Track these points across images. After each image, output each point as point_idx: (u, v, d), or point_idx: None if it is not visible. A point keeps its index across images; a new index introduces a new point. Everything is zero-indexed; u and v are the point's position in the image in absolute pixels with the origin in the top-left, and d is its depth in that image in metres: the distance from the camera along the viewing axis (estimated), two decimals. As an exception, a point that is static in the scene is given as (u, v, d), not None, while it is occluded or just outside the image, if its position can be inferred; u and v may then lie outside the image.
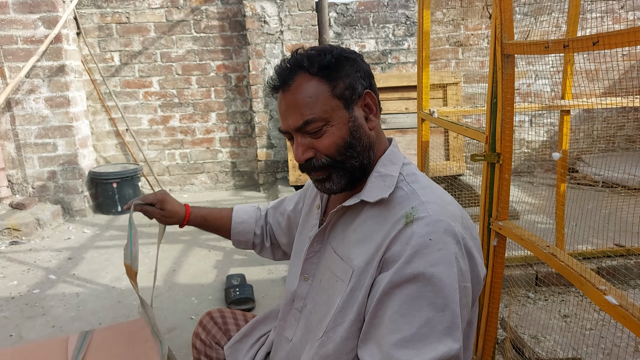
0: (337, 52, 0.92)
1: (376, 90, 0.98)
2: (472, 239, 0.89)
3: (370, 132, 0.95)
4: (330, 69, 0.90)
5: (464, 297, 0.83)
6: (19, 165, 3.96)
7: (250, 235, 1.38)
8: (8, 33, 3.74)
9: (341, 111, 0.90)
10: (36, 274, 2.96)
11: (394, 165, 0.96)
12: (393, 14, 4.46)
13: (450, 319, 0.79)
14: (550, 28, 4.02)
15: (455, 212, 0.89)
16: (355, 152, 0.92)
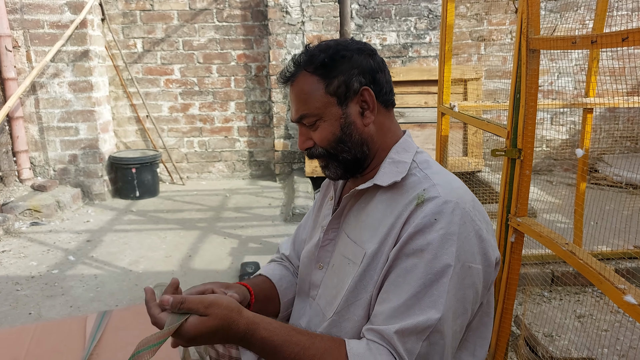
0: (333, 50, 0.96)
1: (384, 84, 0.99)
2: (484, 222, 0.91)
3: (365, 128, 0.97)
4: (325, 68, 0.95)
5: (467, 277, 0.86)
6: (42, 148, 4.04)
7: (293, 288, 1.21)
8: (35, 17, 3.81)
9: (334, 107, 0.95)
10: (56, 255, 3.03)
11: (407, 153, 0.99)
12: (416, 7, 4.42)
13: (437, 293, 0.83)
14: (575, 25, 3.94)
15: (465, 196, 0.91)
16: (346, 146, 0.97)
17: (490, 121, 1.65)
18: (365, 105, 0.97)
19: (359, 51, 0.97)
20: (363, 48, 0.99)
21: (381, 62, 1.00)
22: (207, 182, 4.73)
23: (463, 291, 0.85)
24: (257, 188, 4.50)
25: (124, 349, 1.23)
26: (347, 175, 1.03)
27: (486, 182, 3.85)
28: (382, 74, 0.99)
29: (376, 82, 0.97)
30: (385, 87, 0.99)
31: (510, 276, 1.48)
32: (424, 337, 0.82)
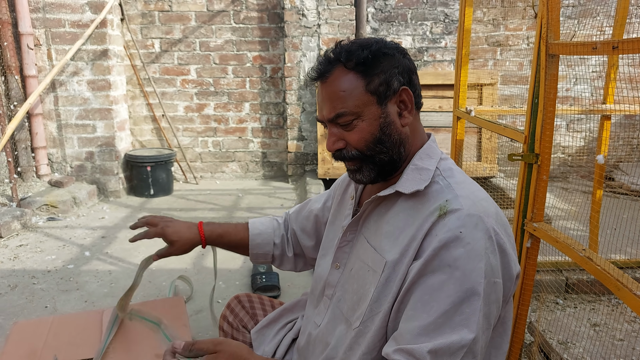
0: (375, 47, 0.93)
1: (417, 85, 0.98)
2: (507, 236, 0.89)
3: (402, 129, 0.95)
4: (366, 65, 0.91)
5: (493, 292, 0.84)
6: (60, 144, 4.10)
7: (270, 246, 1.32)
8: (57, 16, 3.87)
9: (374, 106, 0.92)
10: (71, 250, 3.07)
11: (430, 159, 0.97)
12: (432, 12, 4.42)
13: (469, 311, 0.80)
14: (593, 31, 3.91)
15: (489, 208, 0.89)
16: (384, 147, 0.94)
17: (507, 126, 1.65)
18: (402, 105, 0.95)
19: (398, 50, 0.96)
20: (400, 48, 0.97)
21: (413, 63, 0.99)
22: (221, 181, 4.76)
23: (489, 307, 0.83)
24: (270, 189, 4.52)
25: (140, 343, 1.25)
26: (379, 178, 0.99)
27: (500, 187, 3.83)
28: (416, 75, 0.98)
29: (412, 83, 0.96)
30: (417, 88, 0.98)
31: (525, 282, 1.48)
32: (458, 358, 0.79)
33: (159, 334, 1.35)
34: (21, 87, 3.85)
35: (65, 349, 1.20)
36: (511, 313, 0.97)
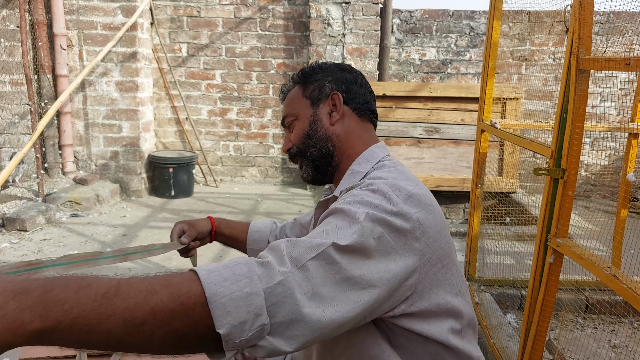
0: (313, 64, 1.13)
1: (356, 95, 1.09)
2: (412, 203, 0.85)
3: (330, 127, 1.07)
4: (304, 76, 1.11)
5: (373, 236, 0.77)
6: (86, 143, 4.20)
7: (264, 243, 1.40)
8: (90, 19, 3.98)
9: (308, 108, 1.09)
10: (93, 246, 3.13)
11: (368, 163, 1.03)
12: (457, 24, 4.42)
13: (343, 230, 0.76)
14: (621, 49, 3.87)
15: (398, 184, 0.88)
16: (312, 141, 1.07)
17: (533, 140, 1.64)
18: (333, 107, 1.07)
19: (336, 66, 1.12)
20: (342, 65, 1.13)
21: (358, 78, 1.11)
22: (240, 186, 4.81)
23: (366, 239, 0.77)
24: (288, 195, 4.55)
25: None
26: (317, 174, 1.10)
27: (521, 203, 3.79)
28: (357, 86, 1.10)
29: (349, 91, 1.08)
30: (359, 97, 1.09)
31: (547, 298, 1.46)
32: (312, 253, 0.72)
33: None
34: (52, 85, 3.96)
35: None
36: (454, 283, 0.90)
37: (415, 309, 0.84)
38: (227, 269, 0.66)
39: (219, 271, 0.66)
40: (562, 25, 4.34)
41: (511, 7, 2.10)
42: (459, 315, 0.91)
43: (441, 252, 0.87)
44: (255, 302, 0.64)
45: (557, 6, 1.65)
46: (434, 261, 0.85)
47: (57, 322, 0.55)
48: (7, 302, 0.53)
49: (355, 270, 0.73)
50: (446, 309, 0.88)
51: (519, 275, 2.58)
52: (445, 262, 0.88)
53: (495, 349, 1.89)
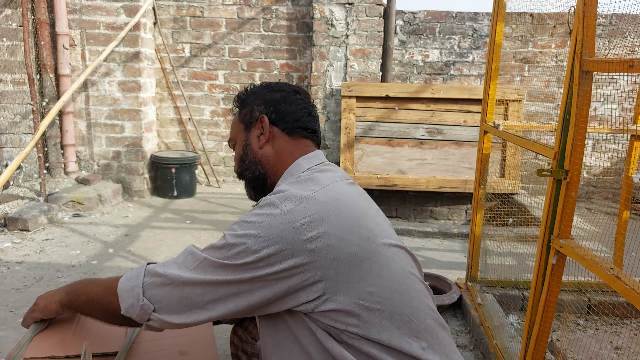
0: (249, 87, 1.18)
1: (285, 114, 1.11)
2: (303, 209, 0.91)
3: (259, 150, 1.11)
4: (239, 101, 1.18)
5: (244, 256, 0.90)
6: (88, 143, 4.20)
7: None
8: (92, 18, 3.99)
9: (242, 133, 1.15)
10: (95, 246, 3.13)
11: (291, 177, 1.06)
12: (460, 26, 4.42)
13: (206, 250, 0.96)
14: (623, 51, 3.88)
15: (292, 192, 0.95)
16: (245, 164, 1.13)
17: (536, 141, 1.65)
18: (262, 129, 1.11)
19: (266, 87, 1.16)
20: (272, 85, 1.16)
21: (289, 97, 1.13)
22: (242, 186, 4.81)
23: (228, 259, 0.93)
24: (290, 196, 4.55)
25: (167, 338, 1.26)
26: (257, 194, 1.15)
27: (522, 204, 3.79)
28: (287, 105, 1.12)
29: (278, 112, 1.11)
30: (288, 116, 1.11)
31: (549, 299, 1.46)
32: (164, 268, 0.99)
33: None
34: (55, 85, 3.97)
35: (92, 340, 1.23)
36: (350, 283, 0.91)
37: (333, 306, 0.89)
38: (132, 271, 1.01)
39: (128, 274, 1.01)
40: (565, 27, 4.35)
41: (514, 9, 2.10)
42: (395, 305, 0.91)
43: (354, 248, 0.90)
44: (135, 291, 0.96)
45: (561, 8, 1.65)
46: (345, 258, 0.89)
47: (68, 293, 1.14)
48: (60, 289, 1.17)
49: (207, 277, 0.93)
50: (374, 302, 0.90)
51: (521, 277, 2.58)
52: (364, 257, 0.91)
53: (497, 350, 1.89)
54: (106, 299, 1.01)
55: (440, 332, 0.98)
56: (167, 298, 0.94)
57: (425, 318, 0.95)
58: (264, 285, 0.90)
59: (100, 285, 1.05)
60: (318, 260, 0.88)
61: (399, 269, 0.96)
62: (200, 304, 0.93)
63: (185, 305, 0.93)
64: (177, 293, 0.93)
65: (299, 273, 0.88)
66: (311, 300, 0.89)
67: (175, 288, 0.93)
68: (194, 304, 0.93)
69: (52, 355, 1.11)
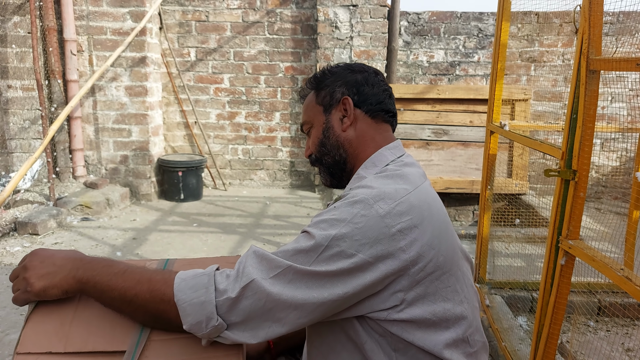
0: (324, 68, 1.11)
1: (368, 96, 1.05)
2: (397, 214, 0.85)
3: (342, 133, 1.05)
4: (316, 82, 1.10)
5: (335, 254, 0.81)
6: (96, 147, 4.23)
7: None
8: (99, 24, 4.02)
9: (321, 115, 1.08)
10: (103, 250, 3.15)
11: (374, 167, 1.01)
12: (465, 26, 4.41)
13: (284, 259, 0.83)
14: (632, 49, 3.85)
15: (386, 192, 0.87)
16: (325, 149, 1.07)
17: (543, 141, 1.63)
18: (345, 112, 1.05)
19: (346, 68, 1.10)
20: (352, 66, 1.10)
21: (371, 78, 1.07)
22: (248, 189, 4.82)
23: (325, 262, 0.83)
24: (297, 198, 4.55)
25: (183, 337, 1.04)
26: (334, 180, 1.10)
27: (531, 205, 3.76)
28: (369, 87, 1.06)
29: (360, 94, 1.05)
30: (371, 98, 1.06)
31: (559, 300, 1.45)
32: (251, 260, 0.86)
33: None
34: (63, 91, 4.00)
35: (97, 322, 0.95)
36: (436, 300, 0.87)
37: (406, 316, 0.84)
38: (195, 278, 0.84)
39: (188, 280, 0.84)
40: (572, 26, 4.31)
41: (520, 8, 2.09)
42: (462, 322, 0.89)
43: (440, 259, 0.85)
44: (207, 308, 0.82)
45: (567, 7, 1.64)
46: (430, 269, 0.84)
47: (86, 281, 0.87)
48: (67, 263, 0.89)
49: (298, 294, 0.82)
50: (444, 318, 0.87)
51: (529, 278, 2.56)
52: (446, 269, 0.86)
53: (506, 352, 1.87)
54: (157, 306, 0.84)
55: (484, 355, 0.97)
56: (245, 315, 0.82)
57: (478, 339, 0.94)
58: (354, 296, 0.83)
59: (141, 282, 0.85)
60: (406, 269, 0.83)
61: (469, 284, 0.94)
62: (281, 319, 0.82)
63: (265, 320, 0.82)
64: (258, 309, 0.81)
65: (387, 282, 0.83)
66: (387, 309, 0.84)
67: (255, 303, 0.81)
68: (276, 319, 0.82)
69: (49, 351, 0.90)
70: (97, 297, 0.89)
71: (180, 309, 0.82)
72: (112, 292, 0.86)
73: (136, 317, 0.88)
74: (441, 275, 0.86)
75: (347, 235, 0.82)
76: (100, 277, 0.87)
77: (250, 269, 0.83)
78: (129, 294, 0.85)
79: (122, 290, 0.85)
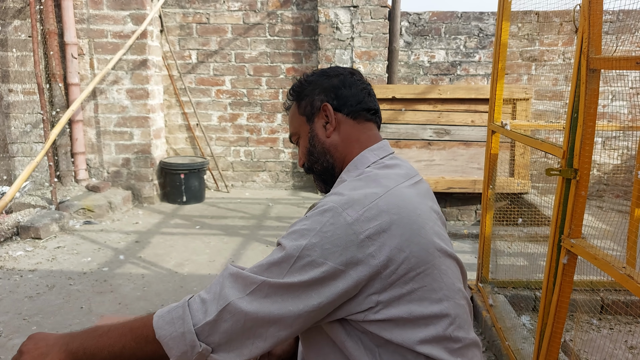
0: (301, 78, 1.12)
1: (347, 98, 1.07)
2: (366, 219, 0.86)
3: (326, 139, 1.07)
4: (296, 93, 1.12)
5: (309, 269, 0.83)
6: (98, 150, 4.24)
7: None
8: (100, 27, 4.04)
9: (305, 125, 1.10)
10: (106, 253, 3.16)
11: (356, 170, 1.03)
12: (466, 26, 4.41)
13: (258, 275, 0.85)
14: (632, 47, 3.84)
15: (354, 198, 0.88)
16: (314, 157, 1.09)
17: (544, 140, 1.64)
18: (326, 118, 1.07)
19: (321, 74, 1.11)
20: (327, 71, 1.12)
21: (347, 80, 1.09)
22: (251, 191, 4.83)
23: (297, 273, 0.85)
24: (299, 199, 4.55)
25: None
26: (327, 187, 1.11)
27: (533, 204, 3.76)
28: (346, 89, 1.08)
29: (339, 97, 1.07)
30: (350, 100, 1.07)
31: (561, 299, 1.45)
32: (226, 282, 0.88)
33: None
34: (64, 94, 4.01)
35: None
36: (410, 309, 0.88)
37: (382, 317, 0.86)
38: (170, 312, 0.87)
39: (164, 316, 0.87)
40: (572, 25, 4.31)
41: (520, 8, 2.09)
42: (442, 320, 0.89)
43: (412, 260, 0.86)
44: (187, 337, 0.84)
45: (566, 6, 1.65)
46: (402, 271, 0.86)
47: (76, 350, 0.89)
48: (59, 340, 0.91)
49: (274, 309, 0.84)
50: (421, 316, 0.87)
51: (532, 277, 2.56)
52: (421, 270, 0.87)
53: (510, 351, 1.87)
54: (145, 349, 0.88)
55: (475, 350, 0.96)
56: (227, 337, 0.84)
57: (462, 336, 0.93)
58: (330, 305, 0.85)
59: (123, 334, 0.89)
60: (378, 274, 0.84)
61: (450, 282, 0.93)
62: (262, 335, 0.84)
63: (247, 339, 0.85)
64: (239, 329, 0.84)
65: (360, 287, 0.85)
66: (363, 311, 0.86)
67: (234, 324, 0.84)
68: (257, 335, 0.84)
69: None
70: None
71: (163, 344, 0.85)
72: (101, 352, 0.88)
73: None
74: (415, 276, 0.87)
75: (317, 244, 0.83)
76: (88, 343, 0.89)
77: (226, 290, 0.85)
78: (116, 348, 0.88)
79: (110, 347, 0.88)
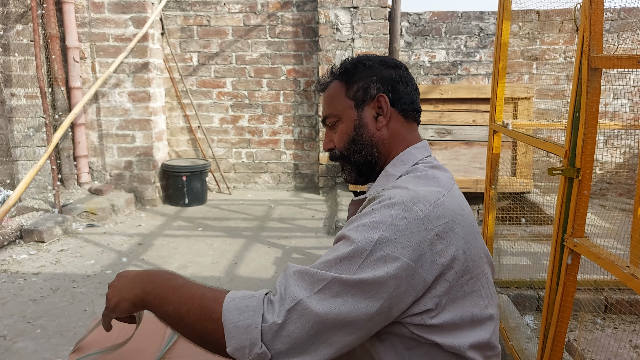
0: (356, 59, 1.04)
1: (403, 94, 1.02)
2: (435, 217, 0.83)
3: (377, 132, 1.01)
4: (347, 74, 1.03)
5: (383, 264, 0.78)
6: (100, 153, 4.25)
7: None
8: (101, 31, 4.05)
9: (351, 110, 1.02)
10: (109, 256, 3.16)
11: (403, 166, 0.99)
12: (466, 25, 4.41)
13: (326, 271, 0.79)
14: (633, 45, 3.83)
15: (421, 194, 0.85)
16: (357, 147, 1.01)
17: (546, 140, 1.63)
18: (380, 110, 1.01)
19: (381, 62, 1.04)
20: (386, 60, 1.05)
21: (404, 75, 1.03)
22: (253, 192, 4.83)
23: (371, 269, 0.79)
24: (301, 200, 4.56)
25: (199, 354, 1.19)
26: (361, 178, 1.06)
27: (535, 203, 3.75)
28: (403, 85, 1.03)
29: (395, 91, 1.01)
30: (405, 97, 1.02)
31: (565, 299, 1.45)
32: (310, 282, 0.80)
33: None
34: (66, 98, 4.02)
35: (127, 352, 1.18)
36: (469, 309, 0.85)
37: (438, 322, 0.82)
38: (244, 299, 0.80)
39: (237, 300, 0.80)
40: (573, 24, 4.31)
41: (520, 7, 2.09)
42: (486, 327, 0.88)
43: (469, 264, 0.84)
44: (252, 333, 0.77)
45: (567, 4, 1.65)
46: (461, 273, 0.83)
47: (149, 292, 0.87)
48: (137, 277, 0.92)
49: (345, 309, 0.77)
50: (471, 321, 0.85)
51: (536, 276, 2.55)
52: (474, 274, 0.85)
53: (514, 351, 1.87)
54: (205, 325, 0.81)
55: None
56: (291, 342, 0.77)
57: (497, 344, 0.93)
58: (401, 305, 0.79)
59: (193, 298, 0.83)
60: (443, 274, 0.81)
61: (492, 289, 0.92)
62: (328, 340, 0.77)
63: (311, 344, 0.77)
64: (305, 334, 0.77)
65: (427, 288, 0.80)
66: (420, 313, 0.81)
67: (301, 327, 0.76)
68: (322, 340, 0.77)
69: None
70: (155, 309, 0.87)
71: (225, 329, 0.78)
72: (168, 305, 0.84)
73: (187, 335, 0.85)
74: (469, 280, 0.85)
75: (390, 238, 0.79)
76: (160, 290, 0.86)
77: (293, 288, 0.78)
78: (182, 310, 0.83)
79: (176, 304, 0.83)
